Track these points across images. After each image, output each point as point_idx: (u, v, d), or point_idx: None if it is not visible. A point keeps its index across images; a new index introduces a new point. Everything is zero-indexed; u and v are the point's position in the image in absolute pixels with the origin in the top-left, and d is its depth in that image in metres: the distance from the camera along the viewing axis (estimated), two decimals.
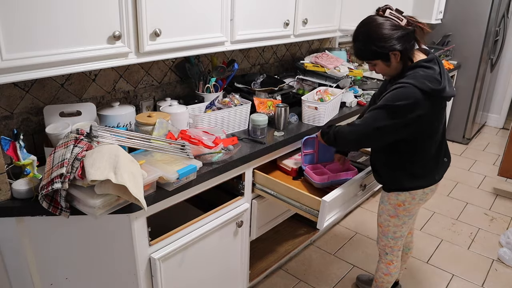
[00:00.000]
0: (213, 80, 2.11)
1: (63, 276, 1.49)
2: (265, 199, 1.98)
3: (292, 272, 2.41)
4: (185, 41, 1.69)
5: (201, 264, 1.74)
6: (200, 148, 1.60)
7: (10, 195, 1.35)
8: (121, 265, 1.49)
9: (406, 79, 1.55)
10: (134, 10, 1.48)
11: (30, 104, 1.63)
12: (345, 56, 3.14)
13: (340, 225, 2.91)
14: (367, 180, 1.91)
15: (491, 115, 5.07)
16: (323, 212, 1.66)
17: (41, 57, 1.27)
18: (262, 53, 2.66)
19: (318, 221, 1.69)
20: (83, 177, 1.23)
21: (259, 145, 1.87)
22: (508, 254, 2.57)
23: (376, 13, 1.61)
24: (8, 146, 1.32)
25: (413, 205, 1.76)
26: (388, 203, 1.80)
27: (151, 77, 2.04)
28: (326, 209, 1.64)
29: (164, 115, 1.69)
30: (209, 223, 1.71)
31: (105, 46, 1.43)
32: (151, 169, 1.40)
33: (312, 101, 2.18)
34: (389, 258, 1.91)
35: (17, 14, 1.20)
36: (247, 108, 2.02)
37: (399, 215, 1.78)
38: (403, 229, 1.82)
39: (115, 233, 1.43)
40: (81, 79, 1.76)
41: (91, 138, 1.34)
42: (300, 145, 1.98)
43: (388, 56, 1.57)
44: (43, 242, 1.43)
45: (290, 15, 2.20)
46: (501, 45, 4.44)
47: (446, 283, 2.38)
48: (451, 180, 3.65)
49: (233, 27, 1.89)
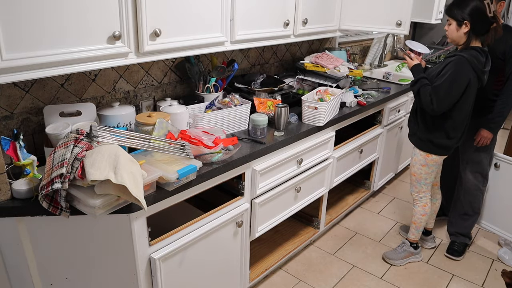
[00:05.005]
0: (213, 80, 2.11)
1: (63, 276, 1.49)
2: (265, 199, 1.99)
3: (292, 272, 2.41)
4: (185, 41, 1.69)
5: (201, 264, 1.74)
6: (200, 148, 1.60)
7: (10, 195, 1.35)
8: (121, 265, 1.49)
9: (463, 53, 2.03)
10: (134, 10, 1.48)
11: (30, 104, 1.63)
12: (345, 56, 3.14)
13: (340, 225, 2.91)
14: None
15: None
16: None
17: (41, 57, 1.27)
18: (262, 53, 2.66)
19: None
20: (83, 177, 1.23)
21: (259, 145, 1.87)
22: (508, 254, 2.57)
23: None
24: (8, 146, 1.32)
25: (439, 155, 2.27)
26: (419, 154, 2.30)
27: (151, 77, 2.04)
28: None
29: (164, 115, 1.69)
30: (209, 223, 1.71)
31: (105, 46, 1.43)
32: (151, 169, 1.40)
33: (312, 101, 2.18)
34: (424, 201, 2.42)
35: (17, 14, 1.20)
36: (247, 108, 2.03)
37: (428, 164, 2.28)
38: (431, 176, 2.34)
39: (115, 233, 1.43)
40: (81, 79, 1.76)
41: (91, 138, 1.34)
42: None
43: (461, 23, 2.02)
44: (43, 242, 1.42)
45: (290, 15, 2.20)
46: None
47: (446, 283, 2.38)
48: None
49: (233, 27, 1.89)
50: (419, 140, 2.29)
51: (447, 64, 2.06)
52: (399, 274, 2.44)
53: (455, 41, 2.10)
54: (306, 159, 2.19)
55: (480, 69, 2.03)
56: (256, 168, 1.87)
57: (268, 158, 1.94)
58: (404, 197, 3.31)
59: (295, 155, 2.09)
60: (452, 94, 2.04)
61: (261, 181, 1.94)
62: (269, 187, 2.00)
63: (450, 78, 2.02)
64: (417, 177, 2.37)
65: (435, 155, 2.26)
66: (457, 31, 2.05)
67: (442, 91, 2.04)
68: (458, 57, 2.03)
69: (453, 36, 2.09)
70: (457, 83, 2.02)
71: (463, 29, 2.03)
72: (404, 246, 2.54)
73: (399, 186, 3.51)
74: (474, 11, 1.98)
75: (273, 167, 1.97)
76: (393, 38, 3.92)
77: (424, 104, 2.11)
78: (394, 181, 3.59)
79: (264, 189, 1.97)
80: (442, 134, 2.19)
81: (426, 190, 2.39)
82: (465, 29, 2.02)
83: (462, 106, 2.12)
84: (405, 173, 3.70)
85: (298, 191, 2.23)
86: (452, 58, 2.05)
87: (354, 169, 2.76)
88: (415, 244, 2.53)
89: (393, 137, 3.15)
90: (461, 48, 2.10)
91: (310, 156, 2.23)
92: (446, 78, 2.03)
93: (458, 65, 2.02)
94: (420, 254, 2.56)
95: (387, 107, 2.87)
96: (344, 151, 2.54)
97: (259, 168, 1.88)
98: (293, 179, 2.16)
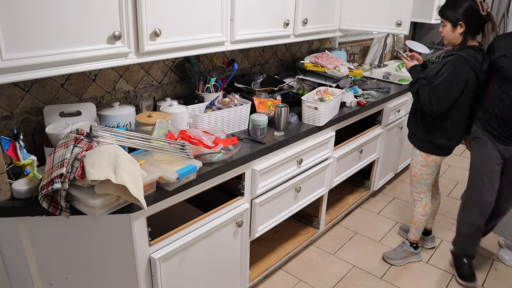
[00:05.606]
0: (213, 80, 2.11)
1: (63, 276, 1.49)
2: (265, 199, 1.99)
3: (292, 272, 2.41)
4: (185, 41, 1.69)
5: (201, 264, 1.74)
6: (200, 148, 1.60)
7: (10, 195, 1.35)
8: (121, 265, 1.49)
9: (461, 52, 2.02)
10: (134, 10, 1.48)
11: (30, 104, 1.63)
12: (345, 56, 3.14)
13: (340, 225, 2.91)
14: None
15: None
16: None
17: (41, 57, 1.27)
18: (262, 53, 2.66)
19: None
20: (83, 177, 1.23)
21: (259, 145, 1.87)
22: (508, 254, 2.57)
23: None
24: (8, 146, 1.32)
25: (440, 156, 2.28)
26: (420, 155, 2.30)
27: (151, 77, 2.04)
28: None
29: (164, 115, 1.69)
30: (209, 223, 1.71)
31: (105, 46, 1.43)
32: (151, 169, 1.40)
33: (312, 101, 2.18)
34: (424, 202, 2.42)
35: (17, 15, 1.20)
36: (247, 108, 2.03)
37: (429, 164, 2.29)
38: (432, 176, 2.35)
39: (115, 233, 1.43)
40: (81, 79, 1.76)
41: (91, 138, 1.34)
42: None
43: (456, 24, 2.02)
44: (43, 242, 1.42)
45: (290, 15, 2.20)
46: None
47: (446, 283, 2.38)
48: (451, 180, 3.65)
49: (233, 27, 1.89)
50: (419, 141, 2.29)
51: (445, 64, 2.05)
52: (399, 274, 2.44)
53: (451, 42, 2.11)
54: (306, 159, 2.19)
55: (478, 68, 2.03)
56: (256, 168, 1.87)
57: (268, 158, 1.94)
58: (404, 197, 3.31)
59: (295, 155, 2.09)
60: (451, 94, 2.04)
61: (261, 181, 1.94)
62: (269, 187, 2.00)
63: (449, 77, 2.02)
64: (418, 178, 2.37)
65: (435, 156, 2.26)
66: (452, 32, 2.06)
67: (441, 91, 2.03)
68: (456, 56, 2.02)
69: (449, 37, 2.09)
70: (456, 83, 2.02)
71: (458, 30, 2.03)
72: (404, 246, 2.54)
73: (399, 186, 3.51)
74: (468, 11, 1.98)
75: (273, 167, 1.97)
76: (393, 38, 3.92)
77: (423, 105, 2.11)
78: (394, 181, 3.59)
79: (264, 189, 1.97)
80: (443, 135, 2.19)
81: (426, 190, 2.40)
82: (460, 30, 2.03)
83: (461, 105, 2.11)
84: (405, 173, 3.70)
85: (298, 191, 2.23)
86: (449, 57, 2.05)
87: (354, 169, 2.76)
88: (415, 244, 2.53)
89: (393, 137, 3.15)
90: (458, 48, 2.10)
91: (310, 156, 2.23)
92: (444, 77, 2.02)
93: (456, 64, 2.01)
94: (420, 254, 2.56)
95: (387, 107, 2.88)
96: (344, 151, 2.54)
97: (259, 168, 1.88)
98: (293, 179, 2.16)
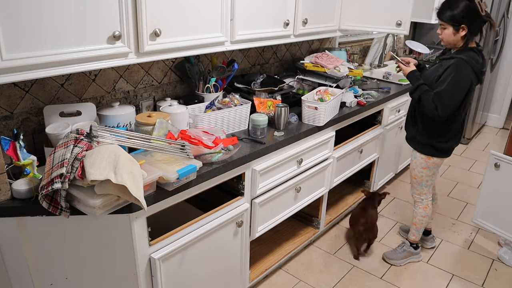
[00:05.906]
0: (213, 80, 2.11)
1: (63, 276, 1.49)
2: (265, 199, 1.98)
3: (292, 272, 2.41)
4: (185, 41, 1.69)
5: (201, 264, 1.74)
6: (200, 148, 1.60)
7: (10, 195, 1.35)
8: (121, 265, 1.49)
9: (462, 55, 2.01)
10: (134, 10, 1.48)
11: (30, 104, 1.63)
12: (345, 56, 3.14)
13: (340, 225, 2.90)
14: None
15: (491, 115, 5.07)
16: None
17: (41, 57, 1.27)
18: (262, 53, 2.66)
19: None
20: (83, 177, 1.23)
21: (259, 145, 1.87)
22: (508, 254, 2.57)
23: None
24: (8, 146, 1.32)
25: (440, 158, 2.27)
26: (420, 157, 2.29)
27: (151, 77, 2.04)
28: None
29: (164, 115, 1.69)
30: (209, 223, 1.71)
31: (105, 46, 1.43)
32: (151, 169, 1.40)
33: (312, 101, 2.18)
34: (425, 203, 2.42)
35: (17, 15, 1.20)
36: (247, 108, 2.03)
37: (429, 166, 2.28)
38: (433, 178, 2.35)
39: (115, 233, 1.43)
40: (81, 79, 1.76)
41: (91, 138, 1.34)
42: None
43: (458, 28, 1.99)
44: (43, 242, 1.43)
45: (290, 15, 2.20)
46: (501, 45, 4.44)
47: (446, 283, 2.38)
48: (451, 180, 3.65)
49: (233, 27, 1.89)
50: (420, 144, 2.28)
51: (447, 68, 2.03)
52: (399, 274, 2.44)
53: (452, 45, 2.08)
54: (306, 159, 2.19)
55: (479, 70, 2.02)
56: (256, 168, 1.87)
57: (268, 158, 1.94)
58: (404, 197, 3.31)
59: (295, 155, 2.09)
60: (456, 99, 2.02)
61: (261, 181, 1.94)
62: (269, 187, 2.00)
63: (453, 82, 2.00)
64: (418, 179, 2.37)
65: (436, 158, 2.26)
66: (454, 36, 2.03)
67: (446, 96, 2.01)
68: (458, 60, 2.00)
69: (450, 40, 2.06)
70: (460, 87, 2.01)
71: (460, 33, 2.01)
72: (404, 246, 2.54)
73: (399, 186, 3.51)
74: (469, 14, 1.96)
75: (273, 167, 1.97)
76: (393, 38, 3.92)
77: (428, 111, 2.08)
78: (394, 181, 3.59)
79: (264, 189, 1.97)
80: (443, 138, 2.19)
81: (427, 192, 2.40)
82: (462, 33, 2.00)
83: (463, 108, 2.12)
84: (405, 173, 3.70)
85: (298, 191, 2.23)
86: (451, 61, 2.03)
87: (354, 169, 2.76)
88: (415, 244, 2.54)
89: (393, 137, 3.15)
90: (458, 50, 2.07)
91: (310, 156, 2.23)
92: (448, 82, 2.00)
93: (459, 68, 2.00)
94: (420, 254, 2.56)
95: (387, 107, 2.87)
96: (344, 151, 2.54)
97: (259, 168, 1.88)
98: (293, 179, 2.16)
